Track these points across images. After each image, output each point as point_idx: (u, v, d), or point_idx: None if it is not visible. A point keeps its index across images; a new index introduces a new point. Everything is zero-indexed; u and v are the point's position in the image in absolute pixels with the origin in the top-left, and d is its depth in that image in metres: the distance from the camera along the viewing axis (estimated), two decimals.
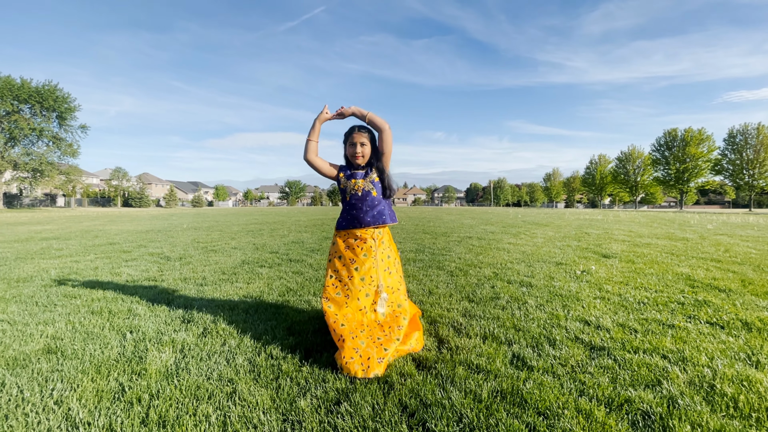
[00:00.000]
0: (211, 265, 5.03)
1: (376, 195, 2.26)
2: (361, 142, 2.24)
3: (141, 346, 2.26)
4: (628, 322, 2.64)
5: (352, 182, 2.26)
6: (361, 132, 2.25)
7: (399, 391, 1.74)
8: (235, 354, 2.14)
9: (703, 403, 1.63)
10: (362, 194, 2.24)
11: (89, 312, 2.92)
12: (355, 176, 2.27)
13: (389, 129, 2.25)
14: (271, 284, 3.86)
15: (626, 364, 2.00)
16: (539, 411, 1.58)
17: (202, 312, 2.90)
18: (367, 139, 2.25)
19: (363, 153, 2.25)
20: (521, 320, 2.70)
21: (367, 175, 2.27)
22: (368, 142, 2.26)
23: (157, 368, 1.96)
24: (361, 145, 2.24)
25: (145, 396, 1.69)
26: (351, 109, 2.28)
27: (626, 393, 1.70)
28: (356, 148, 2.24)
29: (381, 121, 2.22)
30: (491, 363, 2.00)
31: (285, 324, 2.62)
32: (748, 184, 48.76)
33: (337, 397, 1.70)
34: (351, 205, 2.26)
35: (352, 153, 2.25)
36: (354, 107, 2.28)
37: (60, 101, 36.47)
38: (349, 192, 2.26)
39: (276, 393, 1.73)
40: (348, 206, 2.28)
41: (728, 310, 2.90)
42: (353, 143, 2.25)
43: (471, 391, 1.73)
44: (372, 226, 2.24)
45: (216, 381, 1.84)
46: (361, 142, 2.24)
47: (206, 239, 8.25)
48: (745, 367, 1.96)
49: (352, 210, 2.26)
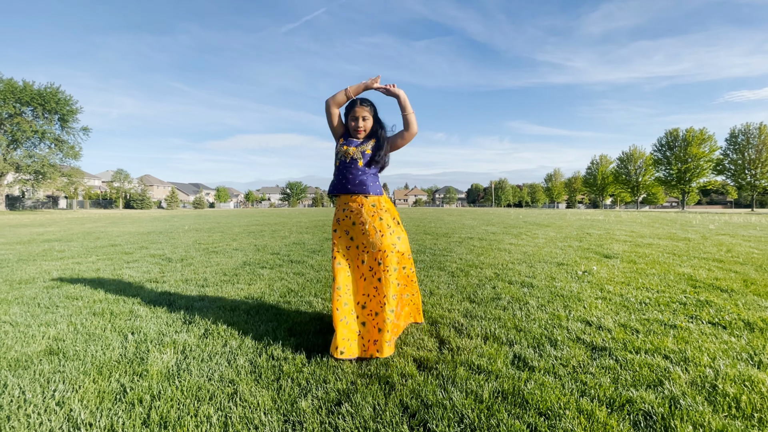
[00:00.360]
0: (212, 266, 5.04)
1: (362, 165, 2.26)
2: (363, 116, 2.25)
3: (142, 347, 2.26)
4: (629, 323, 2.63)
5: (344, 148, 2.28)
6: (363, 106, 2.26)
7: (400, 391, 1.74)
8: (236, 355, 2.14)
9: (705, 403, 1.62)
10: (349, 161, 2.25)
11: (91, 313, 2.92)
12: (349, 143, 2.29)
13: (416, 134, 2.30)
14: (272, 285, 3.86)
15: (628, 364, 1.99)
16: (540, 411, 1.58)
17: (204, 313, 2.91)
18: (369, 113, 2.27)
19: (365, 127, 2.27)
20: (522, 321, 2.70)
21: (360, 145, 2.28)
22: (370, 116, 2.28)
23: (159, 369, 1.96)
24: (363, 119, 2.26)
25: (146, 397, 1.69)
26: (400, 92, 2.24)
27: (628, 393, 1.70)
28: (358, 122, 2.26)
29: (415, 123, 2.27)
30: (492, 363, 2.00)
31: (286, 325, 2.62)
32: (750, 184, 48.65)
33: (338, 398, 1.70)
34: (338, 169, 2.30)
35: (354, 127, 2.28)
36: (402, 93, 2.25)
37: (62, 103, 36.60)
38: (339, 157, 2.30)
39: (277, 394, 1.73)
40: (336, 171, 2.32)
41: (730, 311, 2.89)
42: (355, 117, 2.26)
43: (472, 392, 1.72)
44: (353, 194, 2.25)
45: (217, 382, 1.84)
46: (363, 116, 2.25)
47: (207, 241, 8.26)
48: (747, 367, 1.95)
49: (338, 174, 2.30)
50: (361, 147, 2.27)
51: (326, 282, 3.99)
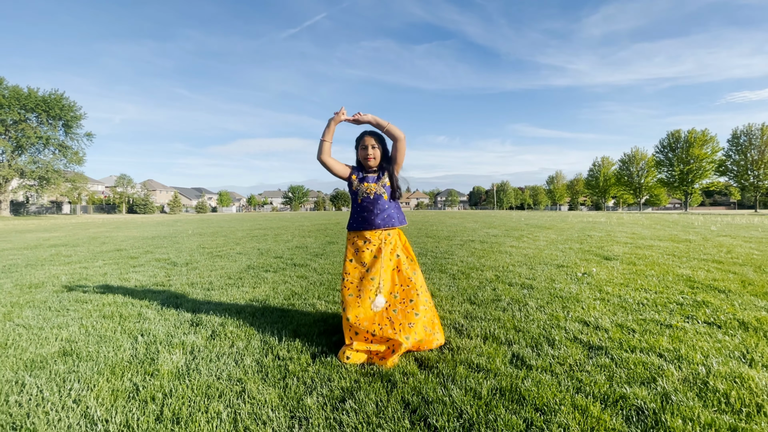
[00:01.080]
0: (217, 270, 5.12)
1: (387, 199, 2.37)
2: (372, 145, 2.37)
3: (152, 348, 2.34)
4: (626, 323, 2.69)
5: (364, 185, 2.36)
6: (371, 136, 2.39)
7: (401, 389, 1.81)
8: (243, 355, 2.22)
9: (695, 398, 1.68)
10: (374, 197, 2.34)
11: (101, 316, 3.01)
12: (368, 179, 2.38)
13: (404, 138, 2.34)
14: (276, 288, 3.94)
15: (623, 362, 2.05)
16: (537, 407, 1.64)
17: (210, 315, 2.99)
18: (377, 143, 2.39)
19: (374, 155, 2.37)
20: (521, 321, 2.76)
21: (378, 179, 2.38)
22: (378, 146, 2.39)
23: (169, 369, 2.03)
24: (372, 147, 2.37)
25: (158, 395, 1.77)
26: (368, 116, 2.32)
27: (622, 390, 1.76)
28: (368, 151, 2.36)
29: (397, 131, 2.31)
30: (491, 362, 2.07)
31: (291, 326, 2.70)
32: (753, 184, 48.45)
33: (342, 395, 1.77)
34: (362, 207, 2.37)
35: (364, 156, 2.38)
36: (371, 116, 2.32)
37: (66, 110, 36.95)
38: (361, 195, 2.36)
39: (283, 392, 1.80)
40: (359, 208, 2.38)
41: (726, 311, 2.95)
42: (365, 146, 2.38)
43: (471, 389, 1.79)
44: (381, 228, 2.34)
45: (226, 381, 1.92)
46: (372, 145, 2.37)
47: (211, 245, 8.35)
48: (739, 364, 2.01)
49: (363, 212, 2.36)
50: (380, 181, 2.37)
51: (329, 285, 4.06)
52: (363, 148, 2.38)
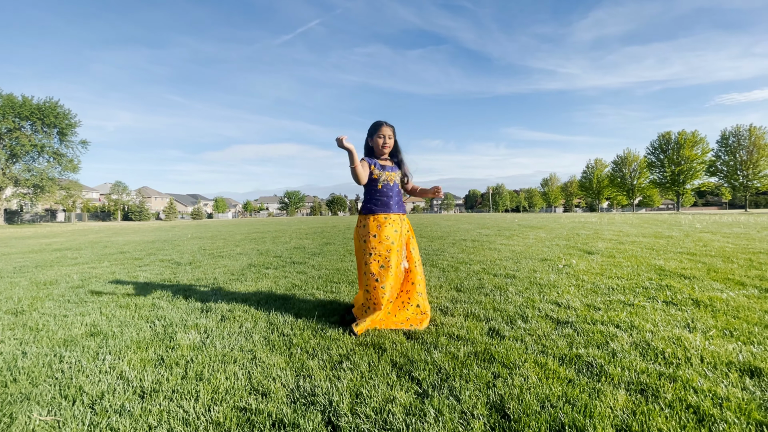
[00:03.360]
0: (220, 268, 5.39)
1: (400, 189, 2.82)
2: (388, 135, 2.70)
3: (170, 330, 2.62)
4: (594, 303, 3.01)
5: (386, 174, 2.70)
6: (388, 126, 2.72)
7: (390, 353, 2.11)
8: (252, 333, 2.50)
9: (638, 355, 1.99)
10: (393, 185, 2.72)
11: (117, 306, 3.28)
12: (386, 168, 2.72)
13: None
14: (277, 282, 4.23)
15: (584, 332, 2.37)
16: (504, 364, 1.95)
17: (219, 303, 3.27)
18: (392, 133, 2.73)
19: (390, 145, 2.72)
20: (500, 303, 3.07)
21: (395, 170, 2.76)
22: (393, 136, 2.74)
23: (188, 344, 2.32)
24: (389, 137, 2.71)
25: (182, 362, 2.05)
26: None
27: (578, 351, 2.07)
28: (385, 140, 2.69)
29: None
30: (470, 334, 2.37)
31: (293, 311, 2.99)
32: (742, 184, 49.36)
33: (340, 359, 2.06)
34: (382, 192, 2.69)
35: (381, 143, 2.69)
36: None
37: (61, 117, 37.05)
38: (382, 182, 2.68)
39: (289, 358, 2.09)
40: (378, 193, 2.69)
41: (684, 292, 3.28)
42: (381, 135, 2.69)
43: (450, 353, 2.09)
44: (397, 213, 2.71)
45: (238, 351, 2.20)
46: (389, 135, 2.71)
47: (212, 247, 8.61)
48: (681, 330, 2.33)
49: (382, 197, 2.68)
50: (398, 172, 2.78)
51: (327, 278, 4.35)
52: (380, 136, 2.69)
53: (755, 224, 12.22)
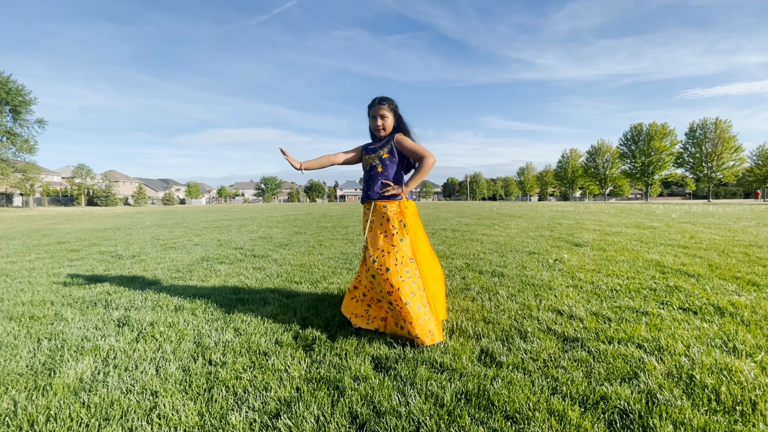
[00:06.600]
0: (166, 262, 4.65)
1: (381, 171, 2.25)
2: (381, 115, 2.25)
3: (57, 356, 1.94)
4: (601, 311, 2.52)
5: (366, 158, 2.34)
6: (381, 105, 2.26)
7: (350, 397, 1.52)
8: (168, 361, 1.86)
9: (683, 397, 1.48)
10: (368, 169, 2.31)
11: (6, 318, 2.55)
12: (368, 151, 2.33)
13: (432, 163, 2.22)
14: (227, 281, 3.56)
15: (601, 355, 1.85)
16: (507, 414, 1.40)
17: (142, 313, 2.59)
18: (387, 111, 2.26)
19: (384, 125, 2.27)
20: (491, 312, 2.54)
21: (376, 151, 2.28)
22: (389, 113, 2.27)
23: (69, 383, 1.65)
24: (382, 117, 2.25)
25: (40, 418, 1.39)
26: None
27: (602, 389, 1.54)
28: (377, 121, 2.26)
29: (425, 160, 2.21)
30: (457, 360, 1.81)
31: (234, 324, 2.35)
32: (707, 176, 51.26)
33: (277, 409, 1.46)
34: (363, 179, 2.36)
35: (374, 126, 2.29)
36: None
37: (13, 94, 33.98)
38: (364, 167, 2.38)
39: (206, 406, 1.47)
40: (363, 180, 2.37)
41: (699, 295, 2.84)
42: (374, 116, 2.27)
43: (432, 394, 1.53)
44: (367, 200, 2.29)
45: (136, 394, 1.56)
46: (382, 114, 2.25)
47: (167, 236, 7.76)
48: (722, 354, 1.84)
49: (363, 185, 2.35)
50: (377, 153, 2.28)
51: (287, 277, 3.72)
52: (373, 118, 2.27)
53: (727, 214, 12.32)
